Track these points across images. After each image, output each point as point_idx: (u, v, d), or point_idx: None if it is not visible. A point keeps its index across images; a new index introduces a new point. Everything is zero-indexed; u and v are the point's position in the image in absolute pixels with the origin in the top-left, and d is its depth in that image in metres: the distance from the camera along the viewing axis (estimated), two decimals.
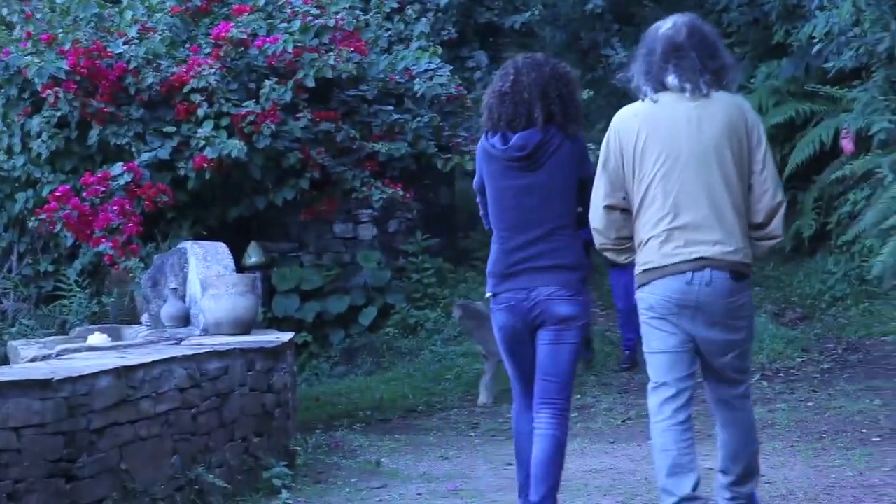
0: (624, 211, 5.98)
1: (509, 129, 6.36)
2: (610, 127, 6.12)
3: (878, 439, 9.49)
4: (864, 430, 9.81)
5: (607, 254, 6.17)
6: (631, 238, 5.98)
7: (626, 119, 6.03)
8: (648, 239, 5.86)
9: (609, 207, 5.99)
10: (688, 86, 5.92)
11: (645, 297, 5.92)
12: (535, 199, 6.36)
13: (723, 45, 6.24)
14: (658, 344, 5.96)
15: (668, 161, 5.83)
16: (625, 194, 5.97)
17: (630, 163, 5.95)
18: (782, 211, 5.95)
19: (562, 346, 6.37)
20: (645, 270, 5.89)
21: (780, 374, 12.31)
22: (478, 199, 6.67)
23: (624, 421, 10.75)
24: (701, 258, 5.75)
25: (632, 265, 6.03)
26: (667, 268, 5.81)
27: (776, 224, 5.94)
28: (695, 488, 5.97)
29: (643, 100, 5.99)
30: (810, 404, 10.98)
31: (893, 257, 13.78)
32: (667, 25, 6.22)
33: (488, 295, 6.63)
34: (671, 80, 5.94)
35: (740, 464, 6.27)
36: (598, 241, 6.10)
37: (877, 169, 14.22)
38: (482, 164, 6.50)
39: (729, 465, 6.28)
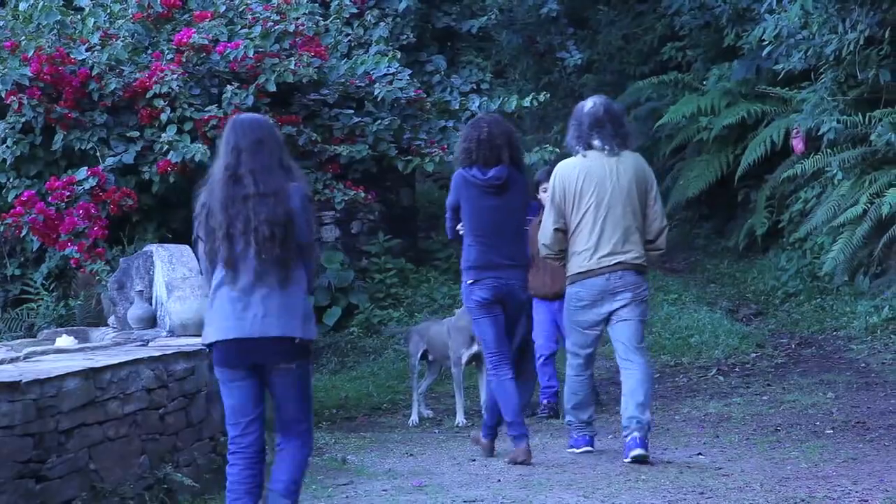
0: (563, 232, 8.68)
1: (484, 165, 8.79)
2: (555, 174, 8.79)
3: (831, 431, 9.55)
4: (817, 423, 9.87)
5: (549, 261, 9.06)
6: (565, 251, 8.73)
7: (568, 169, 8.72)
8: (582, 251, 8.61)
9: (557, 230, 8.69)
10: (607, 147, 8.65)
11: (577, 291, 8.69)
12: (504, 215, 8.81)
13: (626, 117, 9.09)
14: (582, 321, 8.72)
15: (597, 198, 8.57)
16: (565, 220, 8.66)
17: (570, 199, 8.63)
18: (665, 231, 8.84)
19: (523, 320, 9.49)
20: (578, 273, 8.65)
21: (736, 369, 12.37)
22: (448, 215, 9.02)
23: None
24: (618, 262, 8.58)
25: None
26: (595, 271, 8.59)
27: (661, 240, 8.83)
28: (590, 418, 8.98)
29: (575, 155, 8.71)
30: (765, 398, 11.04)
31: (844, 254, 13.88)
32: (589, 105, 8.80)
33: (470, 281, 8.82)
34: (596, 143, 8.66)
35: (638, 397, 8.50)
36: (545, 252, 8.83)
37: (826, 168, 14.31)
38: (461, 189, 8.89)
39: (630, 400, 8.52)
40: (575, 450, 8.94)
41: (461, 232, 8.91)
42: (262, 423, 6.29)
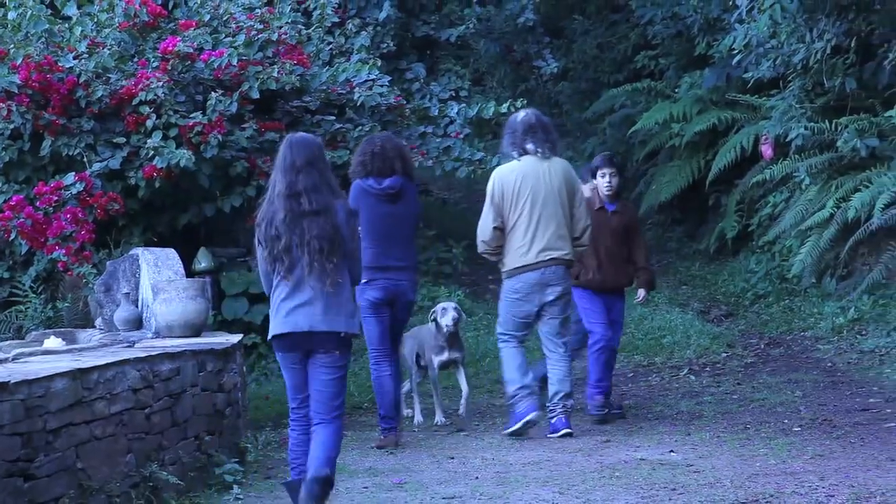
0: (502, 230, 9.38)
1: (379, 175, 9.44)
2: (494, 177, 9.52)
3: (799, 429, 9.57)
4: (785, 421, 9.90)
5: (487, 256, 9.69)
6: (502, 247, 9.44)
7: (505, 172, 9.46)
8: (518, 247, 9.33)
9: (496, 228, 9.38)
10: (539, 151, 9.41)
11: (514, 284, 9.43)
12: (396, 221, 9.49)
13: (554, 129, 9.75)
14: (518, 311, 9.49)
15: (532, 198, 9.31)
16: (503, 219, 9.36)
17: (509, 199, 9.35)
18: (589, 231, 9.58)
19: (406, 319, 10.08)
20: (516, 268, 9.38)
21: (707, 369, 12.39)
22: None
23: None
24: (552, 258, 9.35)
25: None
26: (530, 265, 9.33)
27: (585, 237, 9.58)
28: (528, 382, 9.41)
29: (511, 159, 9.49)
30: (735, 397, 11.06)
31: (811, 256, 13.93)
32: (522, 115, 9.61)
33: (364, 281, 9.06)
34: (529, 147, 9.41)
35: (565, 385, 9.52)
36: (483, 248, 9.56)
37: (794, 173, 14.36)
38: (360, 198, 9.38)
39: (558, 386, 9.51)
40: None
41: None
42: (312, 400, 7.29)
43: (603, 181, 10.19)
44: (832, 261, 14.17)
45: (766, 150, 15.21)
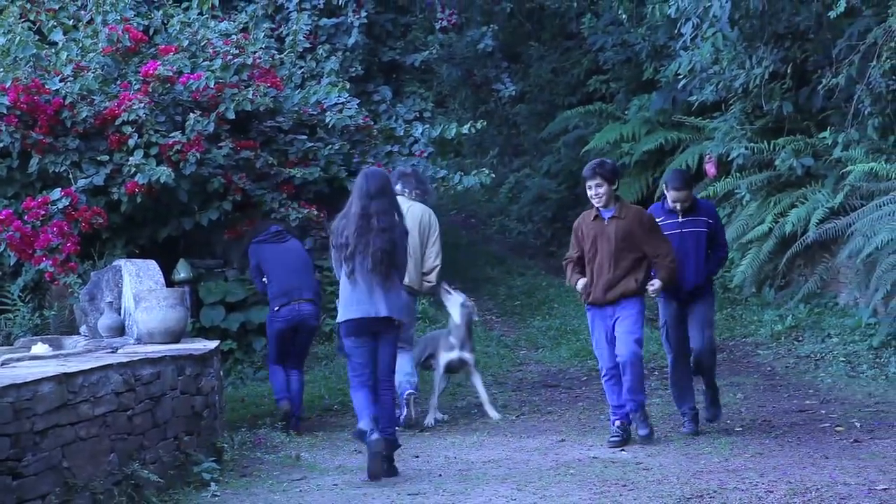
0: None
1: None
2: None
3: (741, 429, 9.62)
4: (728, 421, 9.94)
5: None
6: None
7: None
8: None
9: None
10: (406, 191, 10.29)
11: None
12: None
13: (430, 183, 11.12)
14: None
15: None
16: None
17: None
18: (438, 269, 10.37)
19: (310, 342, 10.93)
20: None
21: (655, 373, 12.41)
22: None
23: (518, 416, 10.77)
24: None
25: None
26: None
27: (432, 276, 10.35)
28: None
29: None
30: None
31: (752, 268, 14.02)
32: (402, 167, 10.78)
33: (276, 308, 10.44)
34: (398, 187, 10.06)
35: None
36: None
37: (736, 190, 14.45)
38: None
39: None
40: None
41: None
42: (374, 369, 8.53)
43: (590, 193, 9.22)
44: (771, 272, 14.25)
45: (710, 169, 15.30)
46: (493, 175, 15.61)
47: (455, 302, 10.57)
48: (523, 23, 22.13)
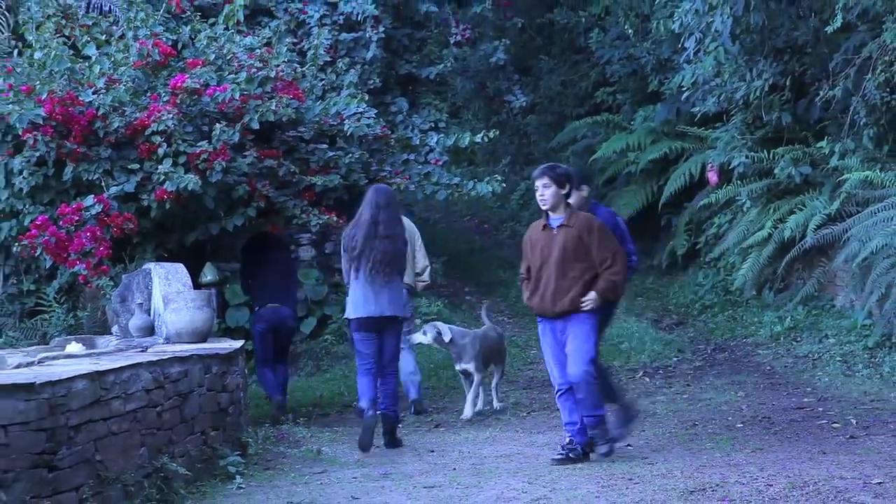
0: None
1: None
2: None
3: (742, 425, 9.61)
4: (729, 418, 9.93)
5: None
6: None
7: None
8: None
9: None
10: None
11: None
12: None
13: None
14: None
15: None
16: None
17: None
18: (429, 269, 10.87)
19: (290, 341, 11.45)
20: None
21: (660, 372, 12.42)
22: None
23: (529, 413, 10.77)
24: None
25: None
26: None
27: (426, 275, 10.80)
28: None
29: None
30: (685, 396, 11.09)
31: (752, 271, 14.00)
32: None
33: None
34: None
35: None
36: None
37: (737, 197, 14.43)
38: None
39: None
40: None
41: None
42: (378, 360, 9.37)
43: (537, 194, 8.43)
44: (770, 275, 14.23)
45: (712, 177, 15.29)
46: (505, 182, 15.60)
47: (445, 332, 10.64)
48: (534, 37, 22.13)
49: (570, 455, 8.27)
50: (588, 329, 8.25)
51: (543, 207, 8.37)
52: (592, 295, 8.22)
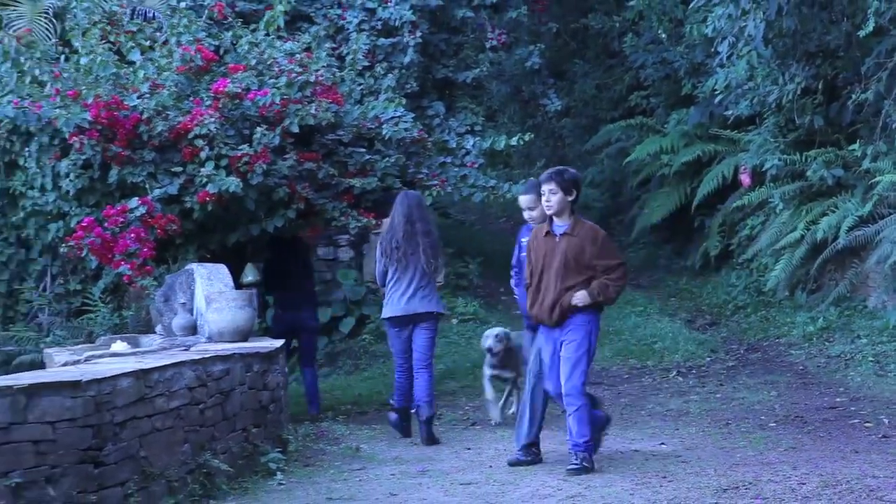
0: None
1: None
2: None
3: (774, 424, 9.57)
4: (762, 417, 9.89)
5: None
6: None
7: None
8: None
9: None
10: None
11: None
12: None
13: None
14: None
15: None
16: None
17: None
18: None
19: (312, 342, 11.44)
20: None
21: (693, 371, 12.37)
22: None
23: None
24: None
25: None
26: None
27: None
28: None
29: None
30: (718, 396, 11.05)
31: (784, 272, 13.93)
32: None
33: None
34: None
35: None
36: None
37: (769, 199, 14.37)
38: None
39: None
40: None
41: None
42: (413, 356, 9.65)
43: (543, 199, 8.15)
44: (803, 276, 14.15)
45: (745, 179, 15.22)
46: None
47: (490, 333, 10.37)
48: (569, 42, 22.09)
49: (585, 465, 7.89)
50: (582, 337, 7.94)
51: (549, 213, 8.09)
52: (583, 293, 7.91)
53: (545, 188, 8.06)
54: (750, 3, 12.15)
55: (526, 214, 9.00)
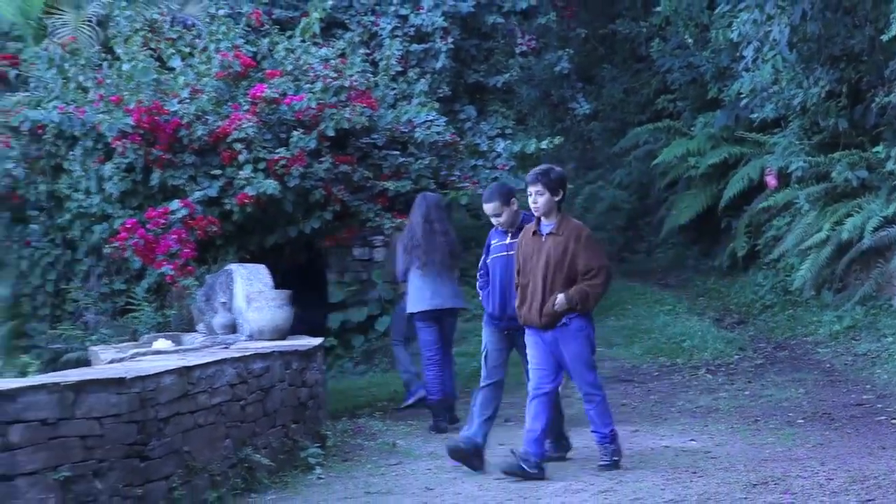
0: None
1: None
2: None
3: (802, 421, 9.51)
4: (790, 414, 9.83)
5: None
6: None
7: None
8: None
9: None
10: None
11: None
12: None
13: None
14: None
15: None
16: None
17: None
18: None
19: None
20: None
21: (722, 369, 12.31)
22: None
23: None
24: None
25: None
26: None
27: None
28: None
29: None
30: (746, 393, 10.99)
31: (811, 272, 13.84)
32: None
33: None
34: None
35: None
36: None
37: (795, 200, 14.29)
38: None
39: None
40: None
41: None
42: (442, 349, 9.93)
43: (529, 200, 7.83)
44: (829, 276, 14.07)
45: (771, 181, 15.15)
46: (570, 187, 15.55)
47: None
48: (597, 47, 22.04)
49: (524, 467, 7.62)
50: (583, 338, 7.76)
51: (536, 214, 7.80)
52: (561, 298, 7.63)
53: (531, 189, 7.76)
54: (775, 9, 12.10)
55: (494, 221, 8.33)
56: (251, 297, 9.42)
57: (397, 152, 12.67)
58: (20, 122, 11.60)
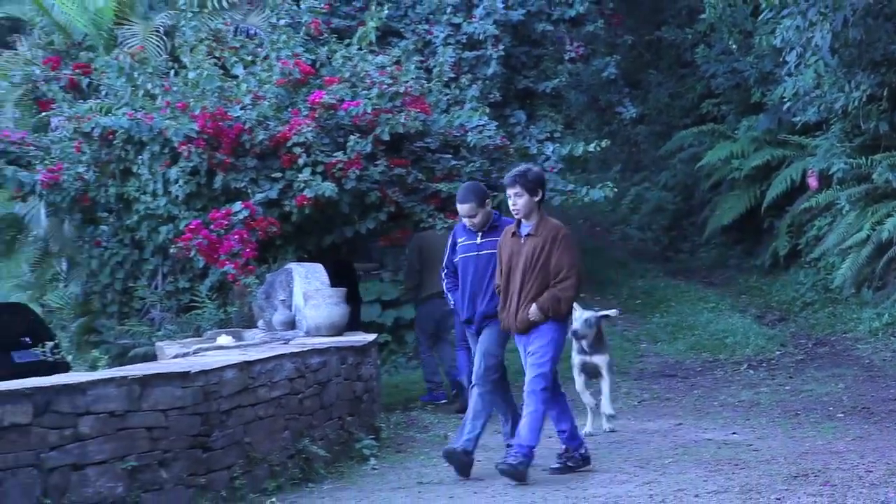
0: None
1: None
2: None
3: (842, 415, 9.42)
4: (830, 408, 9.74)
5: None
6: None
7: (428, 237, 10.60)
8: None
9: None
10: None
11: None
12: None
13: None
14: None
15: None
16: None
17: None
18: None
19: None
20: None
21: (763, 364, 12.22)
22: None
23: (639, 402, 10.69)
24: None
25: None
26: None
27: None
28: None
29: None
30: (787, 388, 10.90)
31: (851, 271, 13.71)
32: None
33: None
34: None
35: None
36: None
37: (836, 201, 14.16)
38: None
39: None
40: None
41: None
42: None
43: (509, 202, 7.54)
44: (869, 274, 13.93)
45: (812, 182, 15.02)
46: (616, 188, 15.47)
47: (579, 318, 9.08)
48: (643, 53, 21.94)
49: (569, 464, 7.60)
50: (548, 342, 7.40)
51: (517, 217, 7.48)
52: (534, 308, 7.35)
53: (510, 192, 7.44)
54: (817, 15, 11.98)
55: (467, 222, 7.98)
56: (309, 294, 9.47)
57: (449, 155, 12.66)
58: (91, 127, 11.72)
